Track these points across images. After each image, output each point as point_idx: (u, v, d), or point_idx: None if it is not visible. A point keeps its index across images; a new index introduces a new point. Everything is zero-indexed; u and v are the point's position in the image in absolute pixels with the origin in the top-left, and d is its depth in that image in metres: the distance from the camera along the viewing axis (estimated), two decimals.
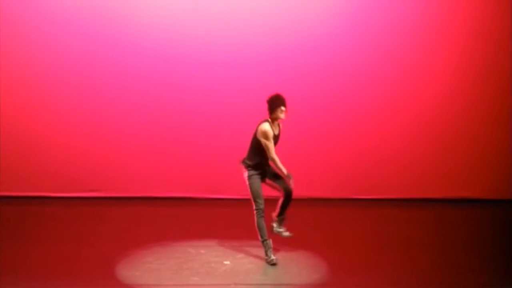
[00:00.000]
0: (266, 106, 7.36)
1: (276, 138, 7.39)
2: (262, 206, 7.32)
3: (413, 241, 8.32)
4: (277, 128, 7.42)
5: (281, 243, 7.75)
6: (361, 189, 10.25)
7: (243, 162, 7.44)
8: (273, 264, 7.32)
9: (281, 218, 7.52)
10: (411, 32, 10.17)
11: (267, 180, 7.49)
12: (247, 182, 7.39)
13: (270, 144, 7.29)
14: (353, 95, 10.22)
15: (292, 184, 7.36)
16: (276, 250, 7.50)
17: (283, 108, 7.33)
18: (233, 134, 9.86)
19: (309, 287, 6.78)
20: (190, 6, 10.08)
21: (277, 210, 7.49)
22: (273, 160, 7.31)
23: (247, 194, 7.39)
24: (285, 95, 7.25)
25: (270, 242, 7.39)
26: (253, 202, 7.36)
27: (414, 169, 10.28)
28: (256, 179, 7.37)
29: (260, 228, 7.32)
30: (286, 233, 7.51)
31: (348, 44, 10.15)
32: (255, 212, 7.32)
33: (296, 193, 9.89)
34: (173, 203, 9.88)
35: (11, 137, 10.08)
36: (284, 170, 7.32)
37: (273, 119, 7.36)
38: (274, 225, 7.52)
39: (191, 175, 10.08)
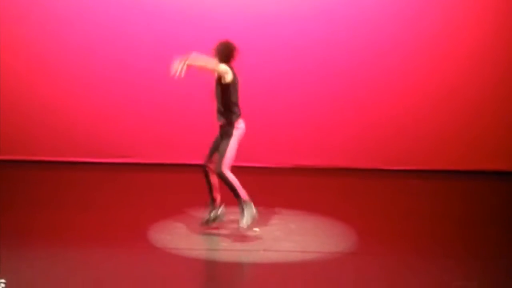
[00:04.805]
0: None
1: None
2: None
3: (439, 212, 8.35)
4: None
5: (309, 212, 7.86)
6: (386, 160, 10.26)
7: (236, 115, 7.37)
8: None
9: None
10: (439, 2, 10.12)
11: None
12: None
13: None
14: (379, 64, 10.17)
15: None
16: (305, 218, 7.57)
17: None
18: (262, 103, 9.92)
19: (337, 255, 6.84)
20: None
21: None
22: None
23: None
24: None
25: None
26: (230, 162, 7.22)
27: (441, 140, 10.25)
28: None
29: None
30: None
31: (373, 14, 10.12)
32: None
33: (322, 162, 10.07)
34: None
35: (40, 103, 10.14)
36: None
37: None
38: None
39: None
